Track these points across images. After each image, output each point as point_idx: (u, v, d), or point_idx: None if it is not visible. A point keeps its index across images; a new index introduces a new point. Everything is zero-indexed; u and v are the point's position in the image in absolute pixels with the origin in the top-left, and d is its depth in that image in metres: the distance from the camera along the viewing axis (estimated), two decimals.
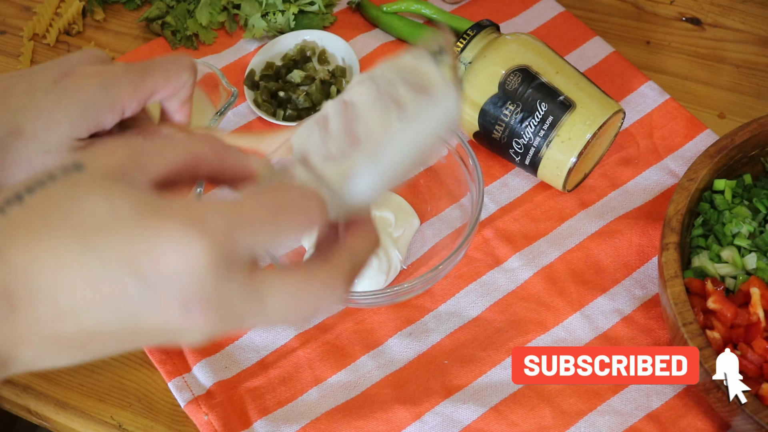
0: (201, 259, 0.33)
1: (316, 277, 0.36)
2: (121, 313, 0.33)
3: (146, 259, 0.33)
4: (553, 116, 0.70)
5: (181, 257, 0.33)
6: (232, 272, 0.34)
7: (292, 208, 0.36)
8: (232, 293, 0.34)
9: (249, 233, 0.34)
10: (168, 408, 0.68)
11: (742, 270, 0.65)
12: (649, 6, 0.89)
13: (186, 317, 0.34)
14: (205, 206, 0.34)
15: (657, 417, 0.65)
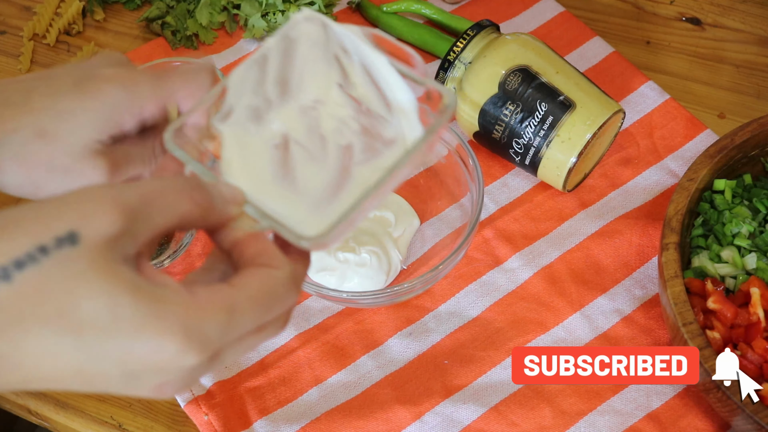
0: (190, 365, 0.35)
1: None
2: (95, 388, 0.35)
3: (138, 363, 0.34)
4: (553, 116, 0.70)
5: (172, 362, 0.34)
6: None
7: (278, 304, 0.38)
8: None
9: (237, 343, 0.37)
10: (168, 408, 0.68)
11: (742, 270, 0.65)
12: (649, 6, 0.89)
13: (155, 395, 0.36)
14: (203, 314, 0.35)
15: (657, 417, 0.65)
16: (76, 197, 0.34)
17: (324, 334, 0.69)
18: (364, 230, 0.71)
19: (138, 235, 0.35)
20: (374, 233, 0.71)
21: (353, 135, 0.45)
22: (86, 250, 0.33)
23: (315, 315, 0.70)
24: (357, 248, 0.69)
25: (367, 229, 0.71)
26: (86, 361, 0.33)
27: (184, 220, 0.37)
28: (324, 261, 0.69)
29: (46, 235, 0.33)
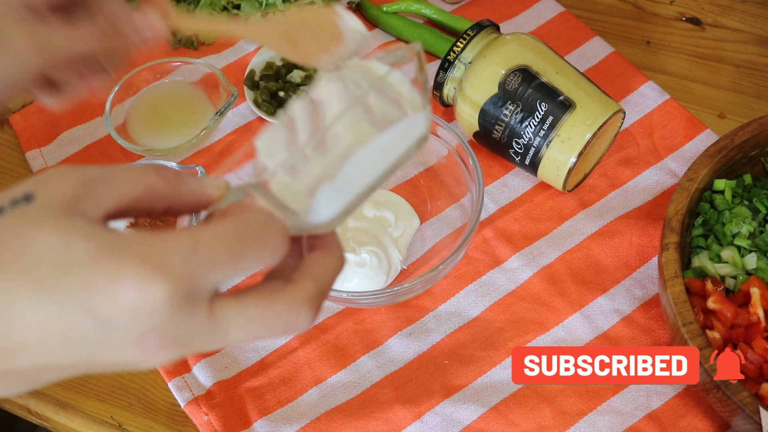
0: (161, 299, 0.32)
1: (278, 302, 0.36)
2: (77, 350, 0.33)
3: (104, 300, 0.32)
4: (553, 116, 0.70)
5: (140, 298, 0.32)
6: (192, 309, 0.34)
7: (253, 240, 0.35)
8: (190, 327, 0.34)
9: (209, 271, 0.34)
10: (168, 408, 0.68)
11: (742, 270, 0.65)
12: (649, 6, 0.89)
13: (143, 352, 0.33)
14: (163, 244, 0.33)
15: (657, 417, 0.65)
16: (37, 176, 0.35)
17: (324, 334, 0.69)
18: (364, 230, 0.71)
19: (100, 200, 0.34)
20: (374, 233, 0.71)
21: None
22: (41, 205, 0.33)
23: None
24: (357, 248, 0.69)
25: (367, 229, 0.71)
26: (52, 309, 0.32)
27: (151, 190, 0.36)
28: None
29: (2, 199, 0.33)
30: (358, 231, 0.71)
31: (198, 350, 0.35)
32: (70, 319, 0.32)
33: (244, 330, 0.35)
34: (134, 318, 0.32)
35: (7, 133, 0.84)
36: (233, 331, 0.35)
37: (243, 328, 0.35)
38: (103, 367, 0.34)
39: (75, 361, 0.34)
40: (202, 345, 0.35)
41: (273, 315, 0.36)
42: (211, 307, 0.34)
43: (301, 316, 0.36)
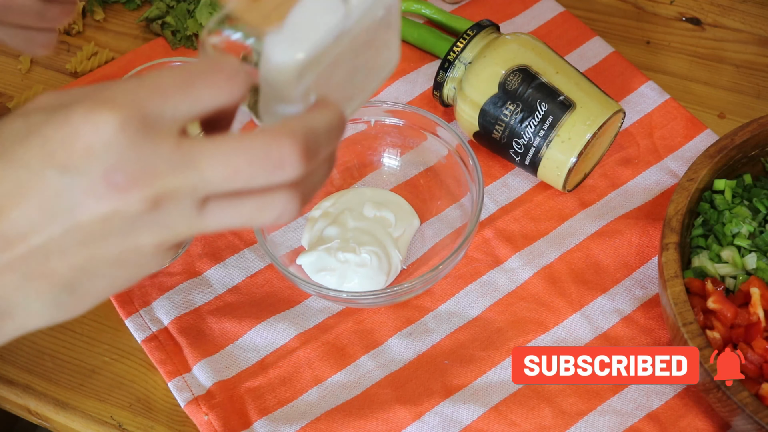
0: (112, 129, 0.33)
1: (257, 134, 0.35)
2: (57, 211, 0.34)
3: (61, 147, 0.33)
4: (553, 116, 0.70)
5: (93, 133, 0.33)
6: (151, 138, 0.33)
7: (203, 70, 0.35)
8: (156, 158, 0.33)
9: (159, 100, 0.34)
10: (168, 408, 0.68)
11: (742, 270, 0.65)
12: (649, 6, 0.89)
13: (115, 193, 0.33)
14: (111, 86, 0.34)
15: (657, 417, 0.65)
16: None
17: (324, 334, 0.69)
18: (364, 230, 0.71)
19: None
20: (374, 233, 0.71)
21: None
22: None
23: (315, 315, 0.70)
24: (357, 248, 0.69)
25: (367, 229, 0.71)
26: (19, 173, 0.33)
27: None
28: (324, 261, 0.69)
29: None
30: (358, 231, 0.71)
31: (173, 186, 0.34)
32: (39, 179, 0.33)
33: (220, 162, 0.34)
34: (92, 156, 0.33)
35: None
36: (207, 164, 0.34)
37: (218, 160, 0.34)
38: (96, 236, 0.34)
39: (62, 230, 0.34)
40: (175, 179, 0.34)
41: (251, 146, 0.35)
42: (179, 140, 0.34)
43: (285, 149, 0.35)
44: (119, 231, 0.35)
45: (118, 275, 0.36)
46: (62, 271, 0.35)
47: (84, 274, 0.36)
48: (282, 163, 0.35)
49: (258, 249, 0.74)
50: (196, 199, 0.35)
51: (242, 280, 0.73)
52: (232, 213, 0.36)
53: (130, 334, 0.71)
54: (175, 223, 0.35)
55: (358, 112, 0.74)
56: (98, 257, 0.35)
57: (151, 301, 0.71)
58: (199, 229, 0.36)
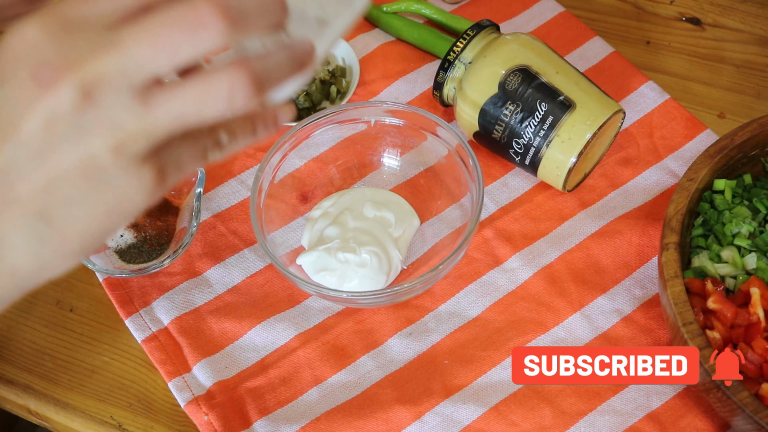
0: (35, 32, 0.34)
1: (174, 7, 0.34)
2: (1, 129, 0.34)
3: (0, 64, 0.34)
4: (553, 116, 0.70)
5: (18, 42, 0.34)
6: (74, 32, 0.34)
7: None
8: (79, 47, 0.34)
9: (82, 3, 0.35)
10: (168, 408, 0.68)
11: (742, 270, 0.65)
12: (649, 6, 0.89)
13: (44, 89, 0.34)
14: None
15: (657, 417, 0.65)
16: None
17: (324, 334, 0.69)
18: (364, 230, 0.71)
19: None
20: (374, 233, 0.71)
21: None
22: None
23: (315, 315, 0.70)
24: (357, 249, 0.69)
25: (367, 230, 0.71)
26: None
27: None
28: (324, 261, 0.69)
29: None
30: (358, 231, 0.71)
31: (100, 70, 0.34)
32: None
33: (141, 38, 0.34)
34: (19, 61, 0.34)
35: None
36: (130, 43, 0.34)
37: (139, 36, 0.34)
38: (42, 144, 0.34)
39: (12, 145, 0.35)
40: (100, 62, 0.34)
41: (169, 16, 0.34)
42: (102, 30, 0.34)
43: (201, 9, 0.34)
44: (65, 136, 0.34)
45: (94, 198, 0.36)
46: (28, 195, 0.35)
47: (51, 197, 0.35)
48: (200, 22, 0.34)
49: (258, 249, 0.74)
50: (132, 86, 0.34)
51: (242, 280, 0.72)
52: (177, 99, 0.35)
53: (130, 334, 0.71)
54: (119, 116, 0.34)
55: (358, 112, 0.74)
56: (58, 173, 0.35)
57: (151, 301, 0.71)
58: (149, 122, 0.35)
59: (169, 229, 0.74)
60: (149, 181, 0.36)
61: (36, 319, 0.72)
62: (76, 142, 0.34)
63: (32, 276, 0.38)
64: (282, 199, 0.74)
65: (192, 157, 0.38)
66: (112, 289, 0.72)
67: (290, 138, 0.72)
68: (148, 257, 0.72)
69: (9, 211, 0.35)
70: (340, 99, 0.81)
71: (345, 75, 0.83)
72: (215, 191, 0.77)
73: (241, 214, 0.76)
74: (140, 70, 0.34)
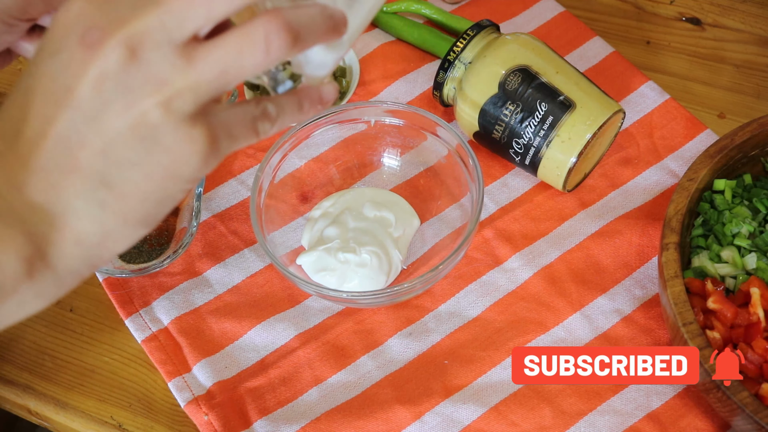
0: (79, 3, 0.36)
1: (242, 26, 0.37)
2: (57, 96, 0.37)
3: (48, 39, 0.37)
4: (553, 116, 0.70)
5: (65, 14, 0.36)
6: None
7: None
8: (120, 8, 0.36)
9: None
10: (168, 408, 0.68)
11: (742, 270, 0.65)
12: (649, 6, 0.89)
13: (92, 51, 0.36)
14: None
15: (657, 417, 0.65)
16: None
17: (324, 334, 0.69)
18: (364, 230, 0.71)
19: None
20: (375, 233, 0.71)
21: None
22: None
23: (315, 315, 0.70)
24: (357, 249, 0.69)
25: (367, 230, 0.71)
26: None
27: None
28: (324, 261, 0.69)
29: None
30: (358, 231, 0.71)
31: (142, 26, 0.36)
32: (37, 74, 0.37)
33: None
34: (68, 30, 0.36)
35: None
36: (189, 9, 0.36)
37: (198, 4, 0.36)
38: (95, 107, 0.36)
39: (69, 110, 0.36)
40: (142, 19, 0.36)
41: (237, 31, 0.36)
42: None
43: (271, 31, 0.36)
44: (116, 95, 0.36)
45: (150, 160, 0.37)
46: (88, 159, 0.37)
47: (110, 161, 0.37)
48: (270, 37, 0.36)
49: (258, 249, 0.74)
50: (173, 42, 0.36)
51: (242, 280, 0.73)
52: (217, 51, 0.36)
53: (130, 334, 0.71)
54: (164, 72, 0.36)
55: (358, 111, 0.74)
56: (113, 135, 0.36)
57: (151, 301, 0.71)
58: (193, 77, 0.36)
59: (169, 229, 0.74)
60: (202, 143, 0.37)
61: (36, 319, 0.72)
62: (125, 100, 0.36)
63: (97, 245, 0.38)
64: (282, 199, 0.74)
65: (243, 125, 0.39)
66: (112, 289, 0.72)
67: (290, 138, 0.72)
68: (148, 257, 0.72)
69: (70, 177, 0.37)
70: (340, 99, 0.81)
71: (345, 75, 0.83)
72: (215, 191, 0.77)
73: (241, 214, 0.76)
74: (180, 26, 0.36)
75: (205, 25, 0.36)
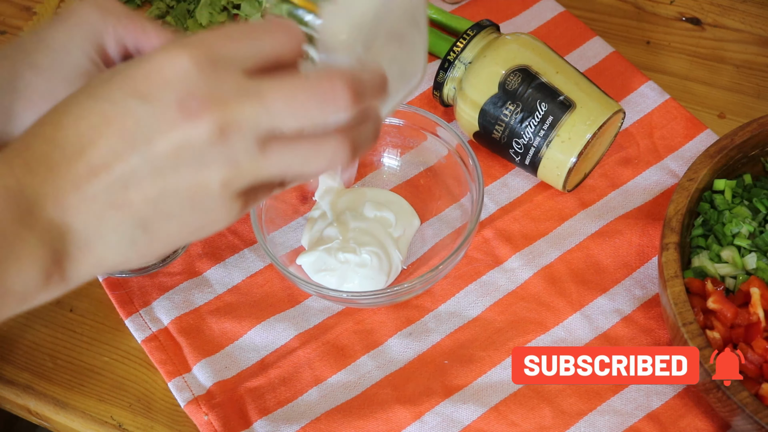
0: (186, 62, 0.37)
1: (313, 75, 0.39)
2: (136, 140, 0.38)
3: (142, 80, 0.38)
4: (553, 116, 0.70)
5: (169, 67, 0.37)
6: (221, 71, 0.38)
7: (266, 26, 0.40)
8: (225, 87, 0.38)
9: (227, 41, 0.39)
10: (168, 408, 0.68)
11: (742, 270, 0.65)
12: (649, 6, 0.89)
13: (187, 119, 0.37)
14: (185, 36, 0.40)
15: (657, 417, 0.65)
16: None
17: (324, 334, 0.69)
18: (364, 230, 0.71)
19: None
20: (375, 233, 0.71)
21: None
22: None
23: (315, 315, 0.70)
24: (357, 249, 0.69)
25: (367, 230, 0.71)
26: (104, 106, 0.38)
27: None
28: (324, 261, 0.69)
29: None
30: (358, 231, 0.71)
31: (239, 114, 0.38)
32: (121, 109, 0.38)
33: (281, 94, 0.38)
34: (168, 86, 0.37)
35: None
36: (270, 95, 0.38)
37: (279, 92, 0.38)
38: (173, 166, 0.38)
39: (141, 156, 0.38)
40: (241, 107, 0.38)
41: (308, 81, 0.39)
42: (245, 75, 0.38)
43: (337, 84, 0.39)
44: (189, 161, 0.38)
45: (189, 218, 0.40)
46: (138, 202, 0.39)
47: (157, 209, 0.39)
48: (334, 97, 0.39)
49: (258, 249, 0.74)
50: (259, 134, 0.38)
51: (242, 280, 0.73)
52: (289, 153, 0.39)
53: (130, 334, 0.71)
54: (240, 157, 0.38)
55: None
56: (170, 190, 0.39)
57: (151, 301, 0.71)
58: (260, 168, 0.39)
59: None
60: (236, 212, 0.41)
61: (36, 319, 0.72)
62: (196, 169, 0.38)
63: (112, 268, 0.41)
64: (282, 199, 0.74)
65: (267, 195, 0.43)
66: (112, 289, 0.72)
67: None
68: None
69: (115, 212, 0.39)
70: None
71: None
72: None
73: None
74: (270, 123, 0.38)
75: (293, 130, 0.39)
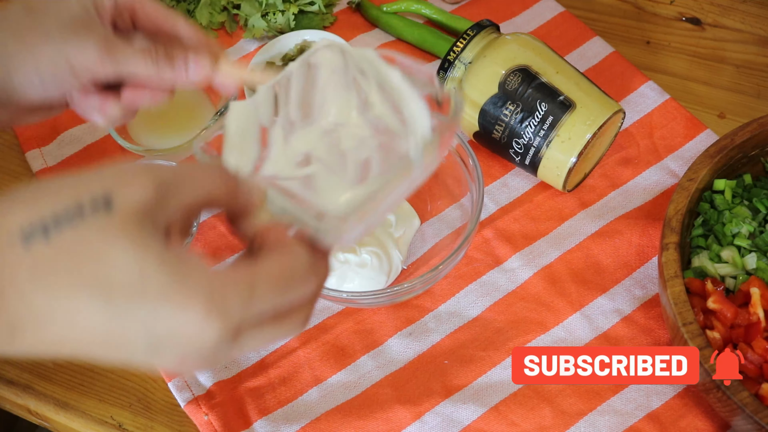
0: (215, 339, 0.36)
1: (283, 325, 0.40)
2: (120, 356, 0.36)
3: (165, 327, 0.35)
4: (553, 116, 0.70)
5: (198, 333, 0.36)
6: (232, 343, 0.37)
7: (299, 282, 0.40)
8: (225, 355, 0.38)
9: (258, 315, 0.38)
10: (168, 408, 0.68)
11: (742, 270, 0.65)
12: (649, 6, 0.89)
13: (178, 368, 0.37)
14: (225, 285, 0.36)
15: (657, 417, 0.65)
16: (114, 168, 0.37)
17: (324, 334, 0.69)
18: None
19: (168, 207, 0.37)
20: (375, 234, 0.71)
21: (371, 151, 0.47)
22: (119, 216, 0.35)
23: (315, 315, 0.70)
24: (357, 249, 0.69)
25: None
26: (114, 325, 0.34)
27: (212, 198, 0.39)
28: None
29: (84, 195, 0.35)
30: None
31: (262, 335, 0.39)
32: (127, 337, 0.35)
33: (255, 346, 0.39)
34: (183, 344, 0.36)
35: (7, 134, 0.84)
36: (247, 348, 0.39)
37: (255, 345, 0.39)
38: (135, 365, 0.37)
39: (113, 361, 0.36)
40: (223, 361, 0.39)
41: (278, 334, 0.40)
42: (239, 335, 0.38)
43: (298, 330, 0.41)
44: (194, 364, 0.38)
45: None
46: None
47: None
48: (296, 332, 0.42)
49: None
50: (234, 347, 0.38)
51: None
52: (256, 340, 0.39)
53: None
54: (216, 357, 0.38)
55: None
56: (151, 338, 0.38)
57: None
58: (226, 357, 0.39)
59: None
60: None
61: None
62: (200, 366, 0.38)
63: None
64: None
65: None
66: None
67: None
68: None
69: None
70: None
71: None
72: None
73: None
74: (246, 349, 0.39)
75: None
